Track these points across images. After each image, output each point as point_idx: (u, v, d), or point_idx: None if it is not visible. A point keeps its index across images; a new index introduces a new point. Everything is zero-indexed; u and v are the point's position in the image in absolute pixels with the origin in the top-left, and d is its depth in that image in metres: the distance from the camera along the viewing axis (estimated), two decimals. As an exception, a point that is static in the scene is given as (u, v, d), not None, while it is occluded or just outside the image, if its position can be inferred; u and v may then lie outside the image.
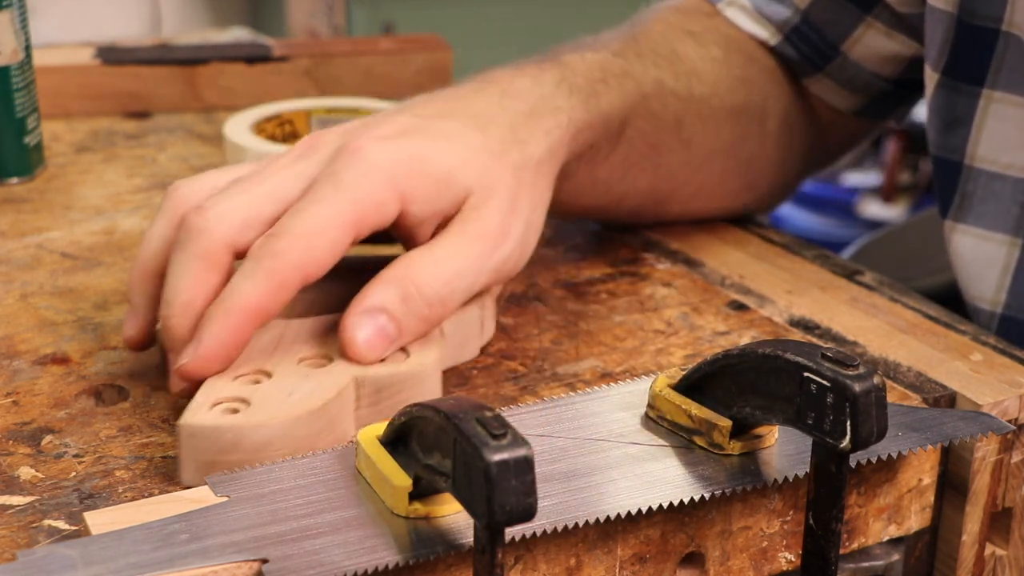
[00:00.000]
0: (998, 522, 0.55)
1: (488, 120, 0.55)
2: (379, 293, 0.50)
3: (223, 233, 0.49)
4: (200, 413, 0.46)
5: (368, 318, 0.49)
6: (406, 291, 0.50)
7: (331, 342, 0.51)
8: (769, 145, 0.71)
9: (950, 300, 0.68)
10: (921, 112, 0.80)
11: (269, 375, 0.49)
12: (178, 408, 0.52)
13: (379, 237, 0.53)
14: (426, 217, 0.52)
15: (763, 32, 0.72)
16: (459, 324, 0.54)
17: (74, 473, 0.47)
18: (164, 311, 0.49)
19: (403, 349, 0.51)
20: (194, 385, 0.48)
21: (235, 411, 0.47)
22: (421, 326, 0.51)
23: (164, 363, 0.53)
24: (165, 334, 0.50)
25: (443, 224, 0.53)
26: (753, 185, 0.71)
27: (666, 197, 0.68)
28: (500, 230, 0.53)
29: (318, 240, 0.49)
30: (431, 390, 0.51)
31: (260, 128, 0.80)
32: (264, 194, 0.51)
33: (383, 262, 0.52)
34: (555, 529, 0.42)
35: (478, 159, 0.53)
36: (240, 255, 0.50)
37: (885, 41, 0.69)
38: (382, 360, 0.50)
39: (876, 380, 0.41)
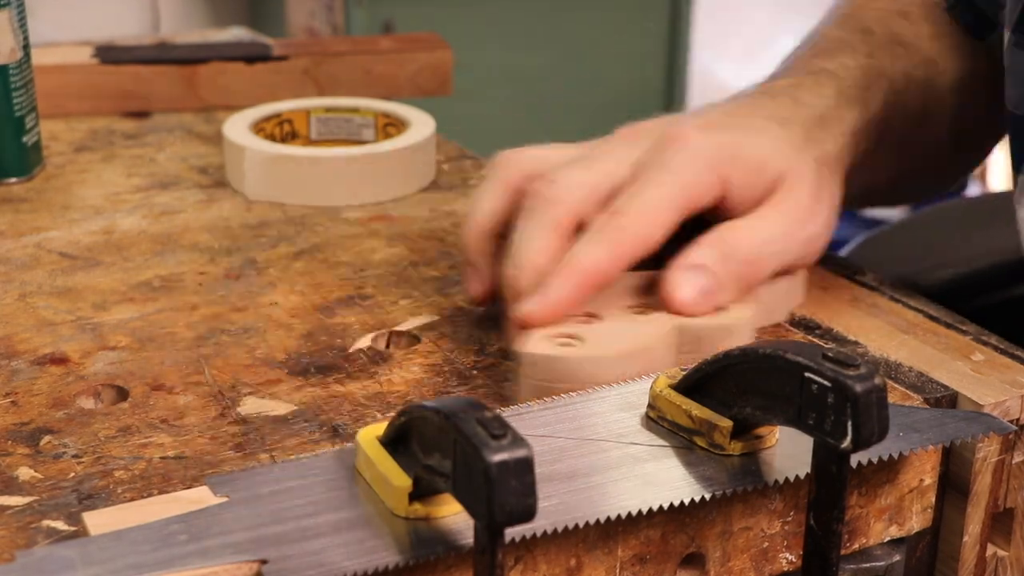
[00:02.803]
0: (999, 523, 0.55)
1: (786, 120, 0.60)
2: (699, 252, 0.55)
3: (571, 204, 0.55)
4: (541, 343, 0.51)
5: (689, 273, 0.54)
6: (724, 251, 0.55)
7: (653, 294, 0.55)
8: (982, 103, 0.73)
9: (951, 298, 0.68)
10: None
11: (599, 318, 0.54)
12: (177, 409, 0.52)
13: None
14: (743, 200, 0.57)
15: None
16: (772, 290, 0.58)
17: (73, 474, 0.47)
18: (512, 271, 0.54)
19: (721, 308, 0.55)
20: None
21: (570, 344, 0.51)
22: (737, 284, 0.55)
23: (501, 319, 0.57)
24: (510, 289, 0.54)
25: (756, 207, 0.57)
26: (976, 147, 0.76)
27: (906, 180, 0.72)
28: (808, 211, 0.58)
29: (654, 219, 0.54)
30: (744, 343, 0.53)
31: (259, 127, 0.80)
32: (601, 173, 0.56)
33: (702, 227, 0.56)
34: (555, 530, 0.42)
35: (785, 149, 0.58)
36: (580, 226, 0.55)
37: None
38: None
39: (877, 380, 0.41)
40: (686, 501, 0.44)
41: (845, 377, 0.41)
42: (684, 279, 0.54)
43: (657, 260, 0.55)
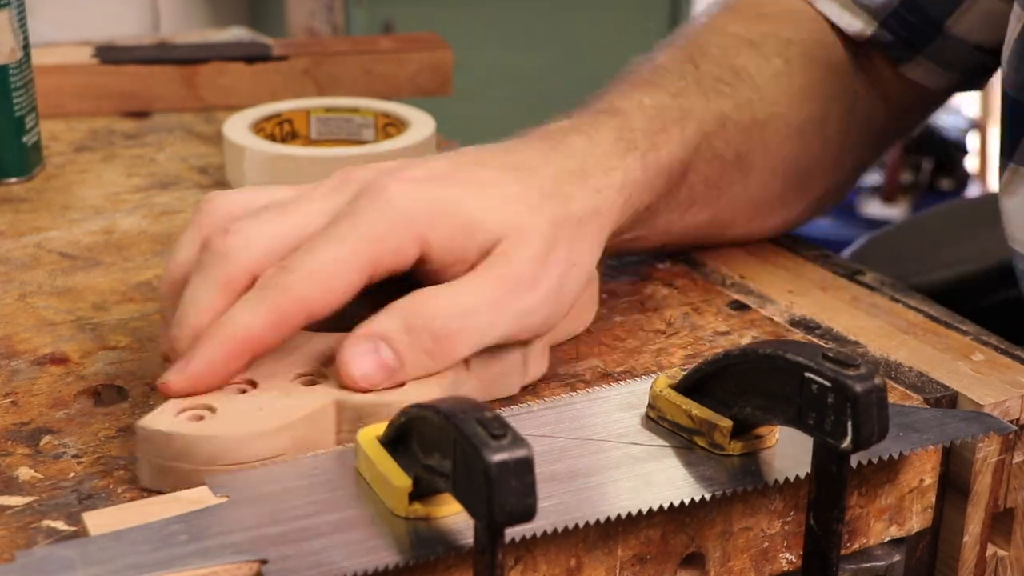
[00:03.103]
0: (1000, 523, 0.55)
1: (529, 172, 0.54)
2: (383, 321, 0.49)
3: (244, 260, 0.49)
4: (161, 417, 0.46)
5: (367, 343, 0.48)
6: (412, 322, 0.48)
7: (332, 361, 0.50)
8: (828, 151, 0.69)
9: (951, 298, 0.68)
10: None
11: (254, 386, 0.48)
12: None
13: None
14: (449, 263, 0.51)
15: (856, 22, 0.70)
16: (494, 361, 0.52)
17: (73, 474, 0.47)
18: (173, 329, 0.49)
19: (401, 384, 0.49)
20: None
21: (200, 418, 0.46)
22: (425, 360, 0.49)
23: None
24: (170, 353, 0.49)
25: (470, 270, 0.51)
26: (809, 193, 0.70)
27: (727, 225, 0.67)
28: (527, 278, 0.51)
29: (328, 279, 0.48)
30: None
31: (259, 128, 0.80)
32: (289, 225, 0.50)
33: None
34: (555, 530, 0.42)
35: (511, 208, 0.52)
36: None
37: (998, 3, 0.67)
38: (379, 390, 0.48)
39: (877, 380, 0.41)
40: (686, 501, 0.44)
41: (845, 377, 0.41)
42: (361, 351, 0.48)
43: (358, 319, 0.49)
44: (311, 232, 0.50)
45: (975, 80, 0.74)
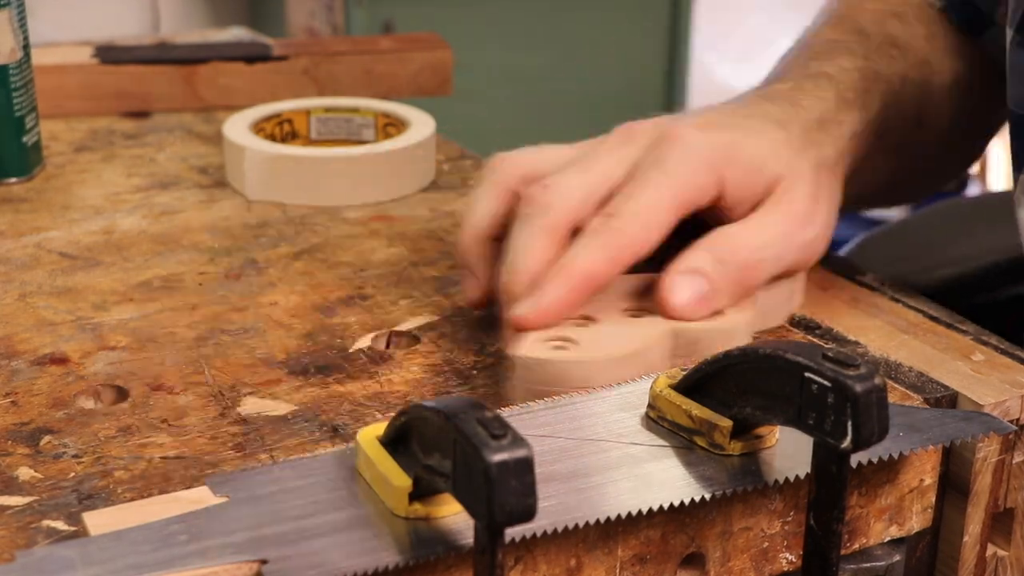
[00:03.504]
0: (1000, 523, 0.55)
1: (785, 122, 0.59)
2: (696, 257, 0.54)
3: (567, 208, 0.54)
4: (533, 346, 0.51)
5: (686, 278, 0.53)
6: (720, 256, 0.54)
7: (650, 298, 0.55)
8: (970, 105, 0.73)
9: (951, 297, 0.68)
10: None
11: (594, 320, 0.53)
12: (177, 409, 0.52)
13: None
14: (740, 200, 0.56)
15: None
16: (771, 293, 0.57)
17: (73, 474, 0.47)
18: (507, 276, 0.54)
19: (719, 312, 0.54)
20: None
21: (563, 347, 0.51)
22: (734, 289, 0.54)
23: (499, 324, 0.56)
24: (505, 295, 0.54)
25: (754, 209, 0.57)
26: (967, 149, 0.76)
27: (903, 180, 0.72)
28: (806, 214, 0.57)
29: (649, 220, 0.54)
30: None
31: (259, 127, 0.80)
32: (597, 175, 0.55)
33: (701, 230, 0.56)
34: (555, 530, 0.42)
35: (784, 151, 0.58)
36: (576, 230, 0.54)
37: None
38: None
39: (877, 380, 0.41)
40: (686, 501, 0.44)
41: (845, 377, 0.41)
42: (680, 284, 0.54)
43: (654, 262, 0.55)
44: (616, 179, 0.55)
45: None
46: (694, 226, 0.56)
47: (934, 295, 0.64)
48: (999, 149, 2.88)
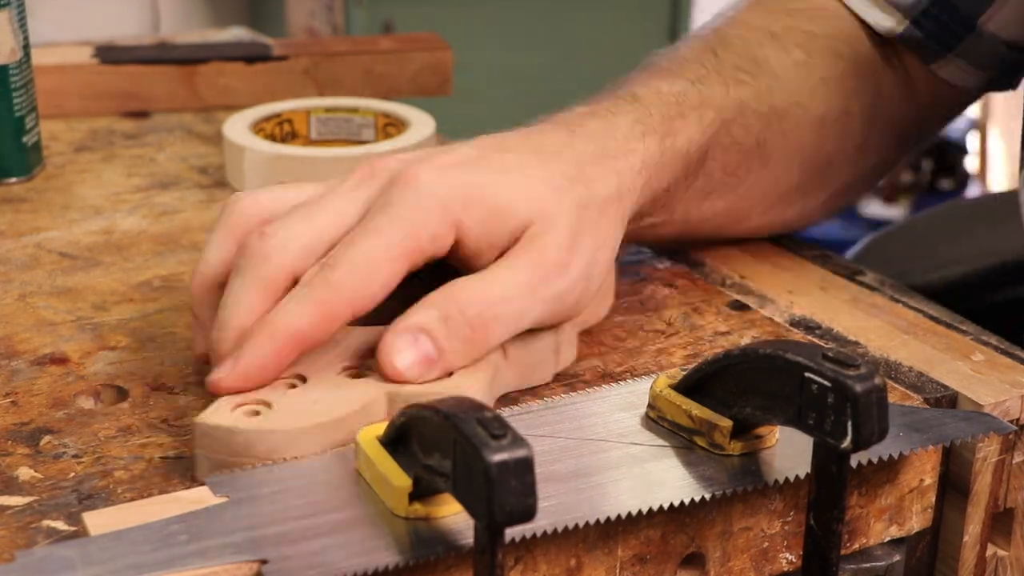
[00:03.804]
0: (1000, 523, 0.55)
1: (553, 156, 0.54)
2: (421, 313, 0.49)
3: (283, 260, 0.49)
4: (219, 413, 0.46)
5: (408, 338, 0.49)
6: (448, 312, 0.49)
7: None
8: (849, 144, 0.69)
9: (951, 298, 0.68)
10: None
11: (305, 380, 0.49)
12: (177, 409, 0.52)
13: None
14: (483, 248, 0.51)
15: (886, 20, 0.70)
16: (528, 348, 0.53)
17: (73, 474, 0.47)
18: (216, 333, 0.49)
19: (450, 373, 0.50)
20: None
21: (257, 413, 0.47)
22: (464, 348, 0.49)
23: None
24: (214, 355, 0.49)
25: (500, 256, 0.52)
26: (827, 186, 0.70)
27: (744, 215, 0.67)
28: (557, 263, 0.51)
29: (370, 273, 0.49)
30: None
31: (259, 128, 0.80)
32: (324, 222, 0.51)
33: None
34: (555, 530, 0.42)
35: (538, 191, 0.52)
36: (297, 281, 0.50)
37: None
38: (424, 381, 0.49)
39: (877, 380, 0.41)
40: (686, 501, 0.44)
41: (845, 377, 0.41)
42: (402, 344, 0.49)
43: (394, 311, 0.50)
44: (346, 226, 0.50)
45: (1008, 78, 0.73)
46: (452, 271, 0.52)
47: (934, 295, 0.64)
48: (1000, 149, 2.88)
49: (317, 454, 0.45)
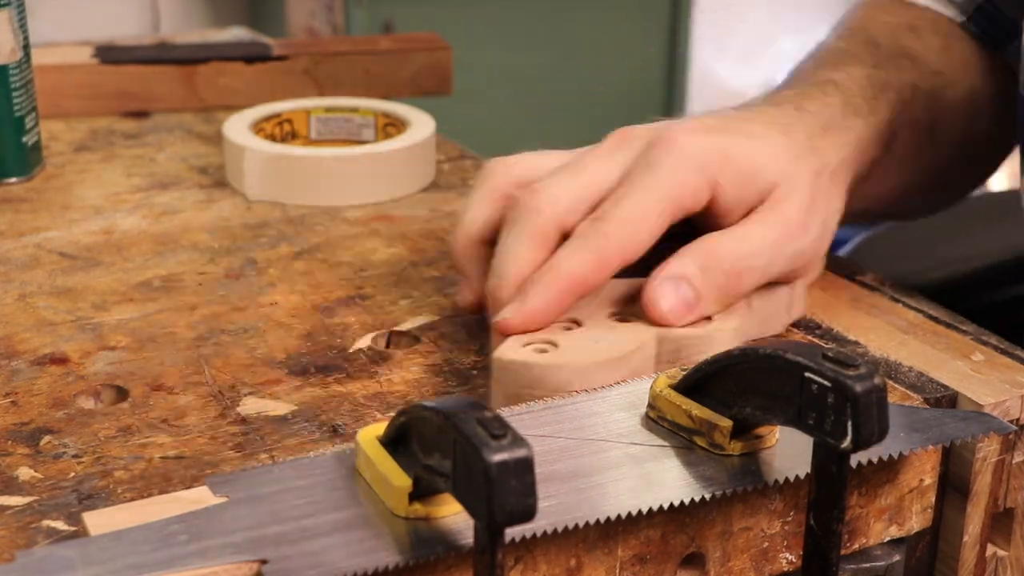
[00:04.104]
0: (999, 523, 0.55)
1: (786, 127, 0.59)
2: (681, 263, 0.54)
3: (554, 214, 0.54)
4: (513, 349, 0.50)
5: (670, 284, 0.53)
6: (706, 263, 0.54)
7: (638, 302, 0.54)
8: (990, 123, 0.72)
9: (951, 298, 0.68)
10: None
11: (580, 324, 0.53)
12: (177, 409, 0.52)
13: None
14: (733, 206, 0.56)
15: (949, 12, 0.73)
16: (768, 300, 0.57)
17: (73, 474, 0.47)
18: (494, 281, 0.53)
19: (708, 318, 0.54)
20: None
21: (545, 351, 0.51)
22: (719, 295, 0.54)
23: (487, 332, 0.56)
24: (493, 301, 0.53)
25: (748, 215, 0.56)
26: (978, 164, 0.74)
27: (912, 193, 0.71)
28: (799, 224, 0.56)
29: (638, 224, 0.53)
30: None
31: (259, 127, 0.80)
32: (588, 180, 0.55)
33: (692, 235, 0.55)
34: (555, 530, 0.42)
35: (781, 157, 0.57)
36: (566, 235, 0.54)
37: None
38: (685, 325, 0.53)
39: (877, 380, 0.41)
40: (686, 501, 0.44)
41: (845, 377, 0.41)
42: (665, 290, 0.53)
43: (647, 265, 0.54)
44: (609, 184, 0.55)
45: None
46: (691, 231, 0.56)
47: (934, 295, 0.64)
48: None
49: (310, 454, 0.45)
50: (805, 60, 0.69)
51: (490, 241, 0.57)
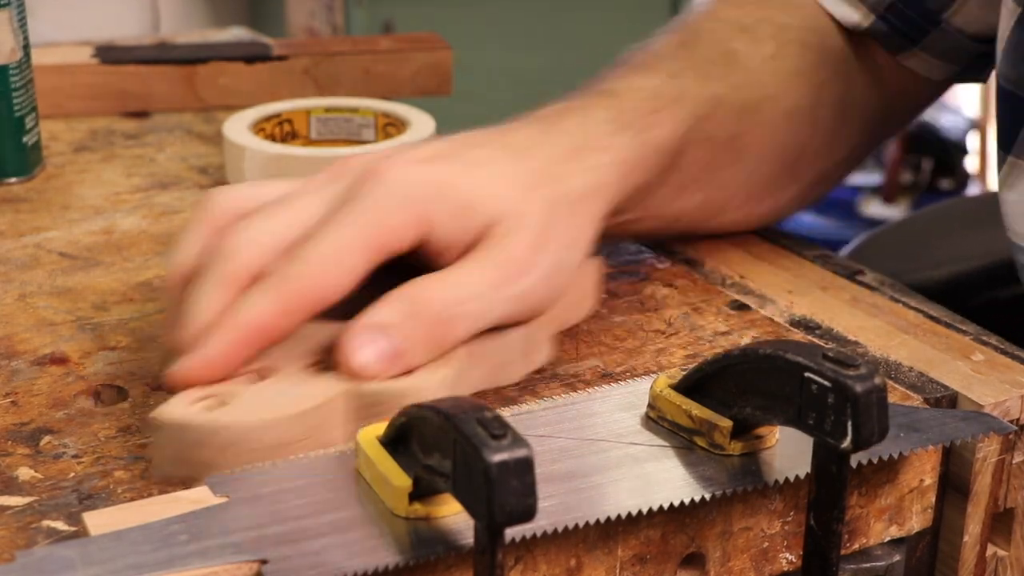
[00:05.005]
0: (1000, 523, 0.55)
1: (524, 152, 0.54)
2: (381, 310, 0.49)
3: (246, 258, 0.49)
4: (176, 407, 0.46)
5: (369, 334, 0.48)
6: (411, 310, 0.49)
7: None
8: (819, 136, 0.69)
9: (951, 298, 0.68)
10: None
11: (272, 375, 0.49)
12: (177, 408, 0.52)
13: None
14: (449, 244, 0.51)
15: (853, 14, 0.70)
16: (495, 346, 0.52)
17: (73, 474, 0.47)
18: (179, 327, 0.49)
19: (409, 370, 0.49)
20: None
21: (215, 407, 0.46)
22: (427, 346, 0.49)
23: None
24: (174, 347, 0.49)
25: (466, 253, 0.51)
26: (799, 178, 0.70)
27: (718, 209, 0.67)
28: (523, 262, 0.51)
29: (334, 264, 0.48)
30: None
31: (259, 128, 0.80)
32: (290, 219, 0.50)
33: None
34: (555, 530, 0.42)
35: (507, 188, 0.52)
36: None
37: None
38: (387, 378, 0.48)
39: (877, 380, 0.41)
40: (686, 501, 0.44)
41: (845, 377, 0.41)
42: (362, 341, 0.48)
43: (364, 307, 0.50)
44: (311, 222, 0.50)
45: (976, 71, 0.73)
46: (422, 267, 0.51)
47: (934, 295, 0.64)
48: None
49: (310, 454, 0.45)
50: (625, 57, 0.65)
51: None
